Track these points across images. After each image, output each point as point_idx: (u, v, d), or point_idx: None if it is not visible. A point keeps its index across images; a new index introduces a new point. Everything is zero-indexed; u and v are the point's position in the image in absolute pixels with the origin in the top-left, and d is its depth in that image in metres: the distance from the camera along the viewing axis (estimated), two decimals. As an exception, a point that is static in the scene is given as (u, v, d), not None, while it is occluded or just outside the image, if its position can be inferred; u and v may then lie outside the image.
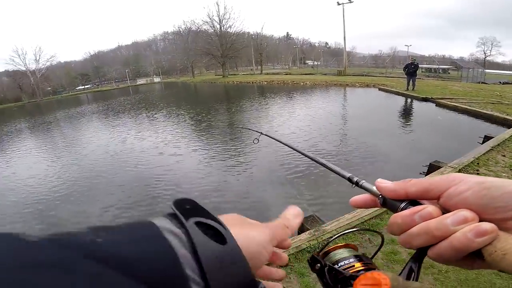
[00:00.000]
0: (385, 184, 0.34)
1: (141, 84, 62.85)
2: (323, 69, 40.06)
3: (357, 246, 0.36)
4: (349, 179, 0.42)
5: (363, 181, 0.39)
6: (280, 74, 39.25)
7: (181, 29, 59.07)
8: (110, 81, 71.85)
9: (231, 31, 46.84)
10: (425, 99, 11.53)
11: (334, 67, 35.10)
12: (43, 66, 60.67)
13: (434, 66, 26.79)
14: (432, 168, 4.34)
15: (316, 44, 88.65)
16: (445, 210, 0.29)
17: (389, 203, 0.34)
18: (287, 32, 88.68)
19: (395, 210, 0.33)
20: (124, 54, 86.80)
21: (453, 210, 0.28)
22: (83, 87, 69.81)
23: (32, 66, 58.71)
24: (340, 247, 0.37)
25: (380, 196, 0.34)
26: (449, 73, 24.39)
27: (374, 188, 0.36)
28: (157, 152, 7.69)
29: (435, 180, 0.31)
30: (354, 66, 39.55)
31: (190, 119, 12.30)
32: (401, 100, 12.65)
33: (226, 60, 47.71)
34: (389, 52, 52.30)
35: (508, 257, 0.25)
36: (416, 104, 11.52)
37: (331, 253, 0.38)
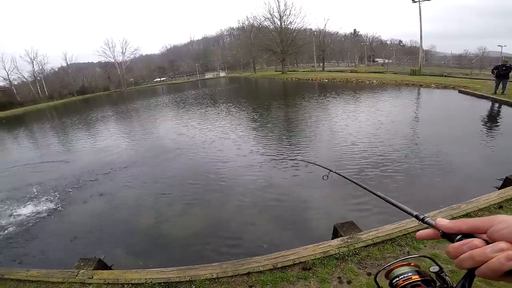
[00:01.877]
0: (443, 222, 0.46)
1: (209, 78, 67.50)
2: (395, 67, 36.97)
3: (418, 265, 0.49)
4: (416, 217, 0.56)
5: (428, 218, 0.51)
6: (345, 71, 37.64)
7: (244, 25, 60.84)
8: (182, 74, 78.40)
9: (291, 28, 46.52)
10: (518, 105, 10.05)
11: (408, 66, 32.07)
12: (127, 59, 68.83)
13: (537, 68, 22.36)
14: (509, 182, 3.96)
15: (388, 42, 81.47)
16: (491, 241, 0.39)
17: (447, 236, 0.45)
18: (354, 29, 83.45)
19: (452, 241, 0.43)
20: (195, 48, 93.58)
21: (496, 242, 0.38)
22: (159, 79, 77.29)
23: (119, 58, 66.93)
24: (402, 265, 0.49)
25: (440, 231, 0.46)
26: (557, 76, 20.14)
27: (434, 223, 0.47)
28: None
29: (481, 220, 0.41)
30: (432, 66, 35.49)
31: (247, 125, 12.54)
32: (485, 105, 11.18)
33: (286, 56, 47.64)
34: (477, 52, 44.94)
35: None
36: (504, 110, 10.11)
37: (394, 270, 0.52)
